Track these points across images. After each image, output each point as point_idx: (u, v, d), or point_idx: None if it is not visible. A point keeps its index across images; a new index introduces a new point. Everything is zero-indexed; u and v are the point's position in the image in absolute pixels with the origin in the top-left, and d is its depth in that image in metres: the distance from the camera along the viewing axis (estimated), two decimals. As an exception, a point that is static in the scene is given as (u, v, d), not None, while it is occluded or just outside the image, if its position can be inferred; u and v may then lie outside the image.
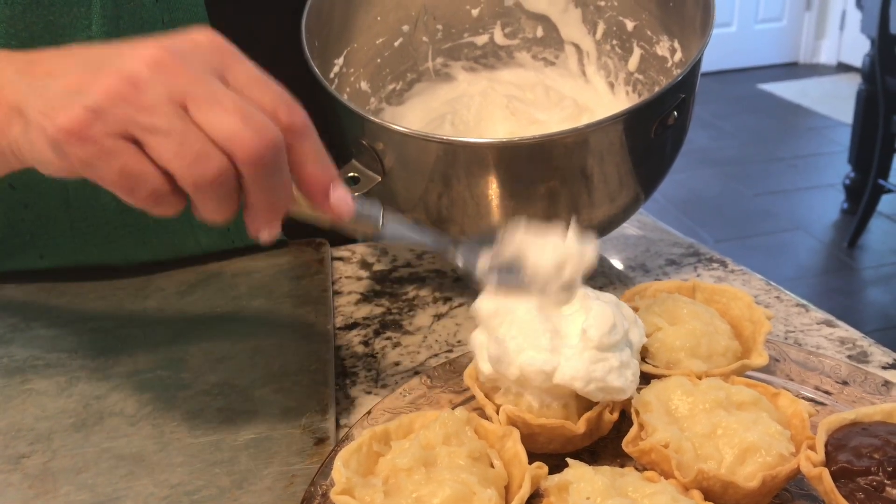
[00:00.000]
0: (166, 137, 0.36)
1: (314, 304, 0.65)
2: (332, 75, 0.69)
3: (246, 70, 0.40)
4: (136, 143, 0.37)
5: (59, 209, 0.67)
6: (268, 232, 0.41)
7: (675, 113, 0.59)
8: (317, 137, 0.41)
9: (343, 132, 0.60)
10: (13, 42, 0.59)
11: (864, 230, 3.07)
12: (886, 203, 3.17)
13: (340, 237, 0.87)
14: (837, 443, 0.40)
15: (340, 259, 0.73)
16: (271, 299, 0.66)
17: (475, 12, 0.75)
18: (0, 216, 0.67)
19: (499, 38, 0.76)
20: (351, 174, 0.57)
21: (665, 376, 0.45)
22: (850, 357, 0.54)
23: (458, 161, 0.56)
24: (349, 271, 0.71)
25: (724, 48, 5.18)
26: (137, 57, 0.38)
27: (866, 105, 3.14)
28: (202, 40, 0.40)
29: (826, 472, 0.38)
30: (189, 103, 0.37)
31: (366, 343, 0.60)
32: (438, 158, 0.56)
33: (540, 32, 0.77)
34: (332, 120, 0.60)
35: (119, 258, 0.70)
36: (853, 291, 2.81)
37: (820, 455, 0.39)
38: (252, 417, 0.52)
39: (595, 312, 0.44)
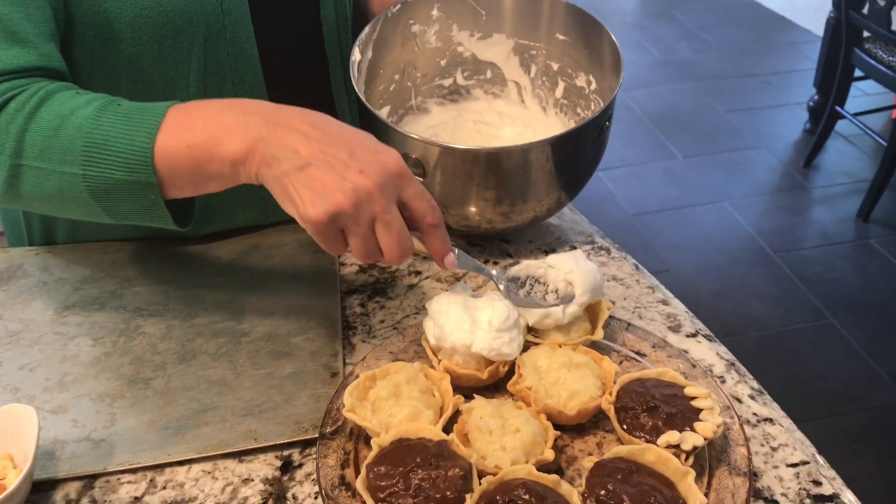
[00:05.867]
0: (358, 238, 0.66)
1: (327, 274, 0.95)
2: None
3: (413, 188, 0.67)
4: (342, 231, 0.66)
5: None
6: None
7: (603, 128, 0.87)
8: (443, 227, 0.70)
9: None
10: (138, 86, 0.86)
11: (820, 151, 3.33)
12: (844, 126, 3.40)
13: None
14: (624, 391, 0.71)
15: (344, 235, 1.03)
16: (297, 269, 0.96)
17: (443, 62, 1.02)
18: None
19: (460, 80, 1.03)
20: None
21: (538, 344, 0.76)
22: (669, 328, 0.85)
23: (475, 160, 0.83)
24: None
25: (716, -46, 5.22)
26: (361, 184, 0.63)
27: (834, 32, 3.32)
28: (392, 166, 0.65)
29: (612, 408, 0.69)
30: (377, 223, 0.65)
31: (362, 305, 0.91)
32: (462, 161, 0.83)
33: (489, 74, 1.03)
34: (380, 138, 0.87)
35: (190, 231, 1.00)
36: (801, 210, 3.10)
37: (612, 398, 0.70)
38: (291, 358, 0.83)
39: (497, 308, 0.74)
